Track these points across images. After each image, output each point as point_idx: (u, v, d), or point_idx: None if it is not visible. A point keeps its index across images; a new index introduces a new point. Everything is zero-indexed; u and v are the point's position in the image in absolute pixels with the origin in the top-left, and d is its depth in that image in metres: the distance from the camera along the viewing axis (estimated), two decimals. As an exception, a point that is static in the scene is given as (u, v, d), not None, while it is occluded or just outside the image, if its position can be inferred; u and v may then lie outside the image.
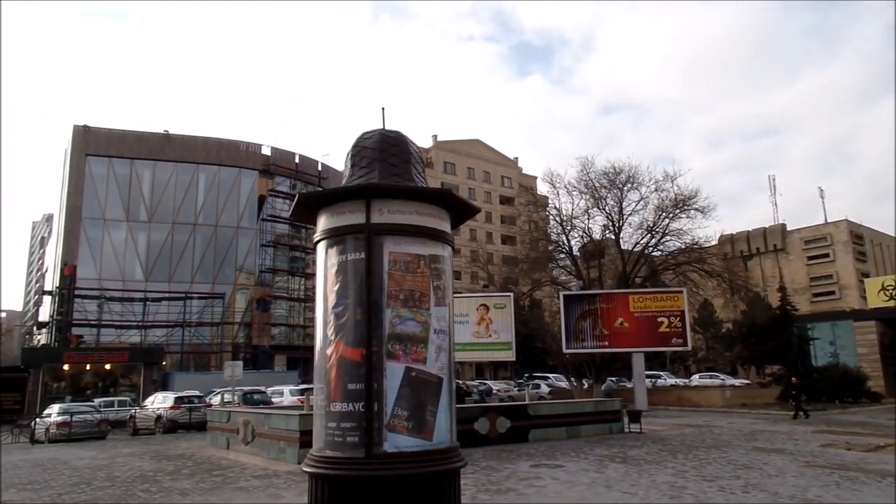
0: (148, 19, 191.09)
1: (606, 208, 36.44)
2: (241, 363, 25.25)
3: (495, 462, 12.23)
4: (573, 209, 37.33)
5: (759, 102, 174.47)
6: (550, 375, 42.16)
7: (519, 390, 33.55)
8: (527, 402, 19.79)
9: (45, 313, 52.89)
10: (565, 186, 37.15)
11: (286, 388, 28.64)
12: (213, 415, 18.96)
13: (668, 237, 35.64)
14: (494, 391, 31.83)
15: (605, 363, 33.11)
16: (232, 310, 48.69)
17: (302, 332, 52.09)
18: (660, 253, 37.19)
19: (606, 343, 28.33)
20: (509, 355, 27.96)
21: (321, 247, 5.14)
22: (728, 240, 69.60)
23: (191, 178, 49.08)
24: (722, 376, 43.07)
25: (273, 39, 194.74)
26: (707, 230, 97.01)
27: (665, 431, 18.24)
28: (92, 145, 46.79)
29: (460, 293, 33.11)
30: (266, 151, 52.82)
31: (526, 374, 45.53)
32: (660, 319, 27.58)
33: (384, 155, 5.19)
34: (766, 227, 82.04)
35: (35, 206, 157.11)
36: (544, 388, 35.95)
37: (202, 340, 46.40)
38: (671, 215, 35.08)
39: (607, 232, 37.29)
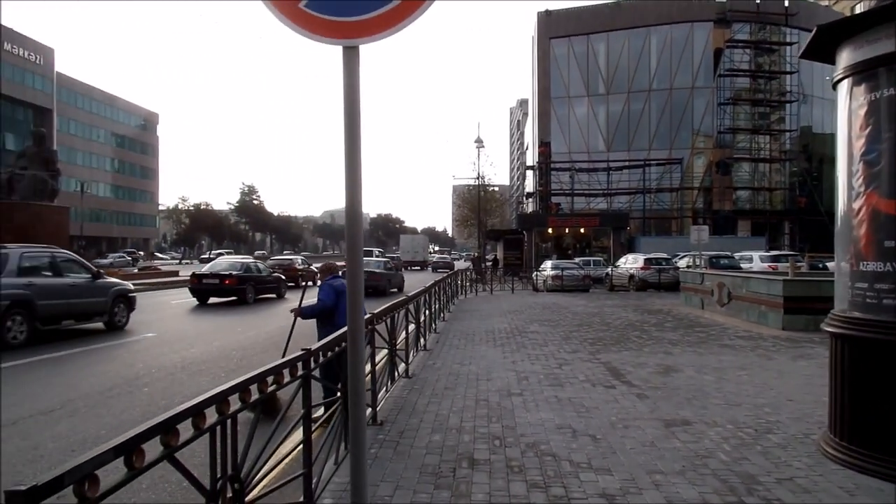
0: None
1: None
2: (706, 228, 24.98)
3: None
4: None
5: None
6: None
7: None
8: None
9: (529, 185, 62.51)
10: None
11: (755, 254, 27.35)
12: (685, 276, 19.58)
13: None
14: None
15: None
16: (690, 174, 48.09)
17: (768, 195, 48.02)
18: None
19: None
20: None
21: (843, 86, 4.48)
22: None
23: (643, 43, 48.81)
24: None
25: None
26: None
27: None
28: (553, 28, 50.71)
29: None
30: (722, -3, 48.06)
31: None
32: None
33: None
34: None
35: (511, 93, 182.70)
36: None
37: (662, 206, 47.61)
38: None
39: None
